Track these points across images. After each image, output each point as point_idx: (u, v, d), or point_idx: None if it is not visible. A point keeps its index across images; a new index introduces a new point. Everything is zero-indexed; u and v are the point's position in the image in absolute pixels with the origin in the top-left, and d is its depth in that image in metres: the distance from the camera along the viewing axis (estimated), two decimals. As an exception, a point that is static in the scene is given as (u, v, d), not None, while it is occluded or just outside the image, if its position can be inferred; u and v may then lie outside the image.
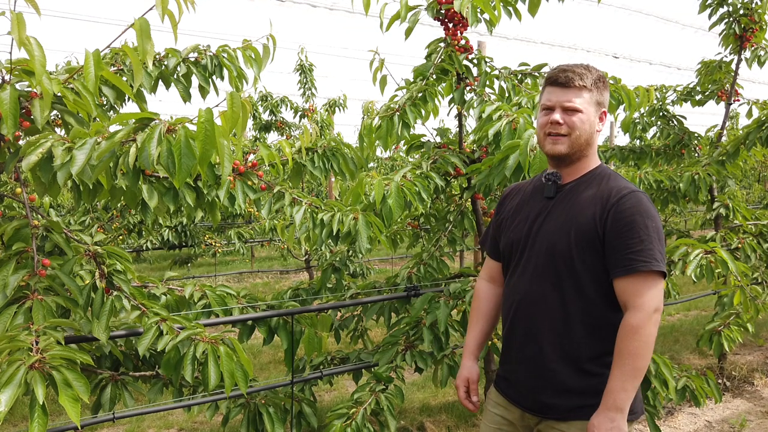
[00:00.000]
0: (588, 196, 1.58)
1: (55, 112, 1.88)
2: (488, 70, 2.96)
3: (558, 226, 1.58)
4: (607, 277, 1.52)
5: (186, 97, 2.34)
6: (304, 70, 6.81)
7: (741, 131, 3.87)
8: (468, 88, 2.90)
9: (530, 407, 1.62)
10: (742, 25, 3.95)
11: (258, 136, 6.85)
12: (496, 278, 1.85)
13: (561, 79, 1.59)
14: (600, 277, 1.53)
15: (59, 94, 1.79)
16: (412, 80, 2.88)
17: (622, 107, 3.05)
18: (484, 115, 2.65)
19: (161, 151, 1.63)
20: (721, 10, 4.01)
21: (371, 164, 9.77)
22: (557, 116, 1.58)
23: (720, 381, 4.18)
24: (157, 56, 2.30)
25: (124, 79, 2.21)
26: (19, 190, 2.02)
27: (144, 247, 6.27)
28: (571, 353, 1.55)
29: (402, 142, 3.00)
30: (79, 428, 1.54)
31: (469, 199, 3.05)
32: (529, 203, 1.71)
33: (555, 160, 1.65)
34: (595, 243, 1.52)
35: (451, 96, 2.92)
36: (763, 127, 3.64)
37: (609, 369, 1.55)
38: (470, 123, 3.08)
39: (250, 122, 6.70)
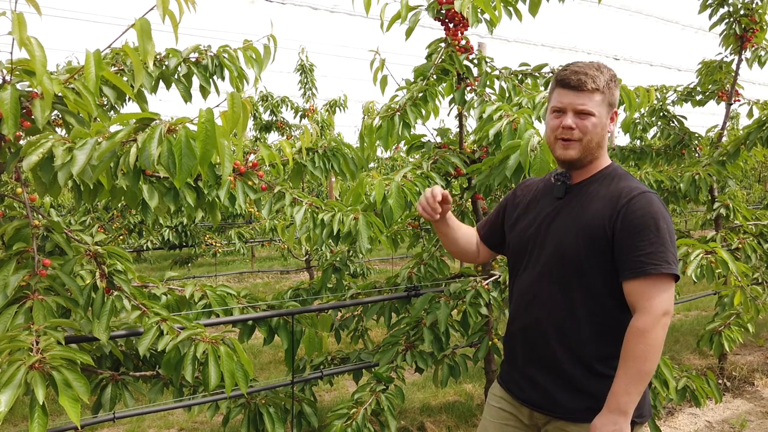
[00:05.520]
0: (598, 197, 1.56)
1: (55, 112, 1.87)
2: (489, 70, 2.96)
3: (566, 227, 1.56)
4: (616, 278, 1.50)
5: (187, 97, 2.34)
6: (305, 71, 6.81)
7: (741, 131, 3.87)
8: (468, 88, 2.90)
9: (541, 406, 1.59)
10: (743, 26, 3.95)
11: (258, 137, 6.86)
12: (480, 249, 1.91)
13: (573, 81, 1.53)
14: (609, 277, 1.51)
15: (60, 94, 1.79)
16: (412, 80, 2.88)
17: (622, 107, 3.05)
18: (484, 116, 2.65)
19: (162, 151, 1.63)
20: (722, 11, 4.00)
21: (372, 164, 9.77)
22: (569, 121, 1.53)
23: (720, 381, 4.17)
24: (158, 56, 2.30)
25: (125, 79, 2.21)
26: (19, 190, 2.02)
27: (144, 247, 6.27)
28: (580, 354, 1.53)
29: (402, 142, 2.99)
30: (79, 428, 1.54)
31: (470, 200, 3.05)
32: (539, 202, 1.69)
33: (565, 164, 1.62)
34: (604, 244, 1.50)
35: (451, 96, 2.91)
36: (764, 128, 3.63)
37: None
38: (470, 123, 3.08)
39: (250, 122, 6.71)
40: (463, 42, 2.86)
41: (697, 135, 4.34)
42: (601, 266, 1.51)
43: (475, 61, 2.92)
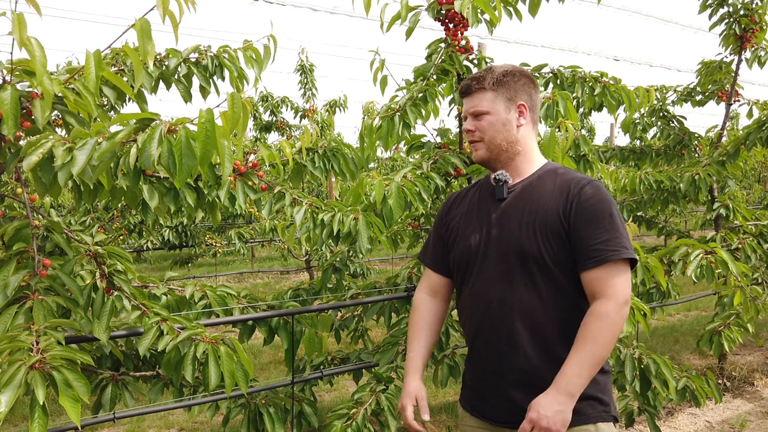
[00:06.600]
0: (546, 191, 1.55)
1: (55, 112, 1.88)
2: (488, 70, 2.95)
3: (521, 225, 1.54)
4: (577, 269, 1.50)
5: (187, 97, 2.35)
6: (305, 71, 6.82)
7: (741, 132, 3.88)
8: (468, 88, 2.90)
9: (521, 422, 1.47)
10: (743, 26, 3.95)
11: (258, 137, 6.86)
12: (437, 291, 1.77)
13: (464, 88, 1.64)
14: (570, 269, 1.50)
15: (60, 95, 1.80)
16: (412, 80, 2.88)
17: (622, 108, 3.05)
18: (484, 116, 2.65)
19: (162, 152, 1.63)
20: (722, 11, 4.01)
21: (372, 164, 9.77)
22: (468, 124, 1.63)
23: (720, 381, 4.18)
24: (158, 57, 2.30)
25: (125, 79, 2.21)
26: (19, 190, 2.02)
27: (144, 248, 6.27)
28: (553, 352, 1.49)
29: (402, 142, 3.00)
30: (80, 428, 1.54)
31: (470, 200, 3.04)
32: (480, 209, 1.65)
33: (484, 165, 1.67)
34: (562, 236, 1.49)
35: (451, 96, 2.92)
36: (764, 128, 3.64)
37: None
38: (470, 123, 3.08)
39: (250, 123, 6.71)
40: (463, 42, 2.86)
41: (696, 135, 4.35)
42: (561, 259, 1.50)
43: (475, 62, 2.92)
